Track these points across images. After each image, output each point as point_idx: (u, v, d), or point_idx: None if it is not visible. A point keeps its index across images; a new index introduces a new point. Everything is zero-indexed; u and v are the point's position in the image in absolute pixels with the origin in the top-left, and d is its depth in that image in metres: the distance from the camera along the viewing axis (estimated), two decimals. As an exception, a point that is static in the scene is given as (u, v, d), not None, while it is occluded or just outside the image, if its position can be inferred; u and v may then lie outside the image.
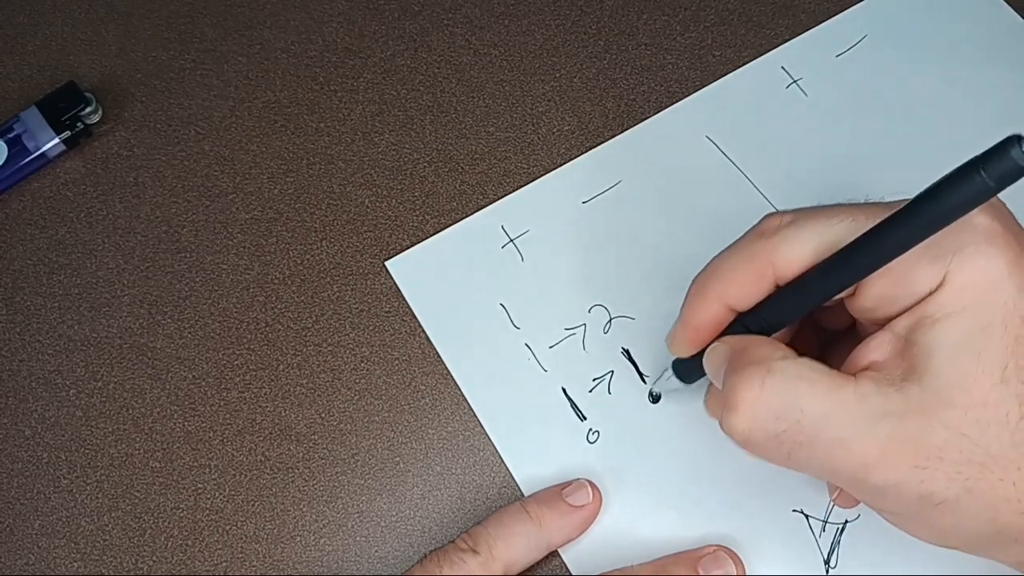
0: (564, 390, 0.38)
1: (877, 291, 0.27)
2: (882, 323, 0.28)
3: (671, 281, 0.39)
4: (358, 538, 0.37)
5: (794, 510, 0.36)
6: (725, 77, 0.44)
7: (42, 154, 0.43)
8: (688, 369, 0.34)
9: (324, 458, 0.38)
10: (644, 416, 0.38)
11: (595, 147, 0.43)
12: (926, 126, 0.43)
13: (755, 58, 0.44)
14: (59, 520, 0.37)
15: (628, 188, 0.42)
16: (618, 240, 0.41)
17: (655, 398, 0.38)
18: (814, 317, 0.33)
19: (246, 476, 0.38)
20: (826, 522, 0.36)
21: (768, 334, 0.30)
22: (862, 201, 0.30)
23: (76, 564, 0.37)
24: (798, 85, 0.44)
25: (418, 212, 0.42)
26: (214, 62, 0.45)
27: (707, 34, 0.45)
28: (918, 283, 0.27)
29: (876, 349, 0.28)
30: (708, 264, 0.31)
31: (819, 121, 0.43)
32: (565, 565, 0.36)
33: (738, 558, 0.35)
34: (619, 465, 0.37)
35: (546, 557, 0.35)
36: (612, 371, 0.39)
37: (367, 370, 0.39)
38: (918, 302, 0.27)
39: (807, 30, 0.45)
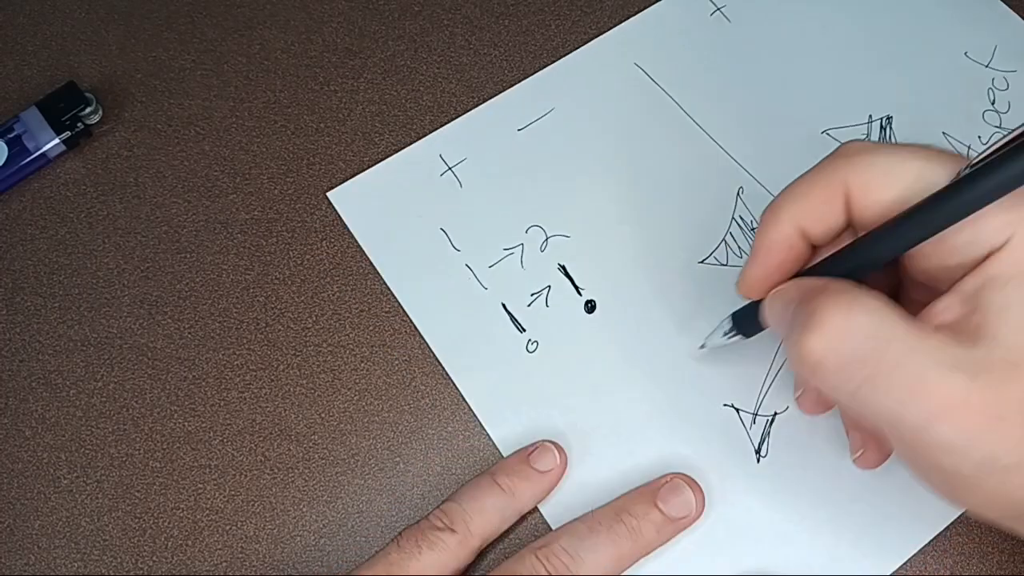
0: (504, 305, 0.40)
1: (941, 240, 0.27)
2: (937, 277, 0.28)
3: (604, 200, 0.42)
4: (358, 538, 0.37)
5: (725, 404, 0.38)
6: (652, 6, 0.46)
7: (42, 154, 0.43)
8: (752, 320, 0.34)
9: (324, 458, 0.38)
10: (580, 325, 0.40)
11: (528, 77, 0.44)
12: (844, 48, 0.44)
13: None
14: (59, 520, 0.37)
15: (561, 115, 0.44)
16: (552, 164, 0.43)
17: (590, 308, 0.39)
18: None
19: (246, 476, 0.38)
20: (756, 415, 0.37)
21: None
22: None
23: (76, 564, 0.37)
24: (721, 12, 0.46)
25: (418, 212, 0.42)
26: (214, 62, 0.45)
27: (707, 34, 0.45)
28: (982, 240, 0.27)
29: (945, 311, 0.27)
30: (785, 187, 0.31)
31: (742, 45, 0.45)
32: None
33: (695, 484, 0.36)
34: (558, 371, 0.39)
35: None
36: (549, 286, 0.40)
37: (367, 370, 0.39)
38: (982, 259, 0.27)
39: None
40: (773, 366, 0.38)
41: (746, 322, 0.35)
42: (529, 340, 0.39)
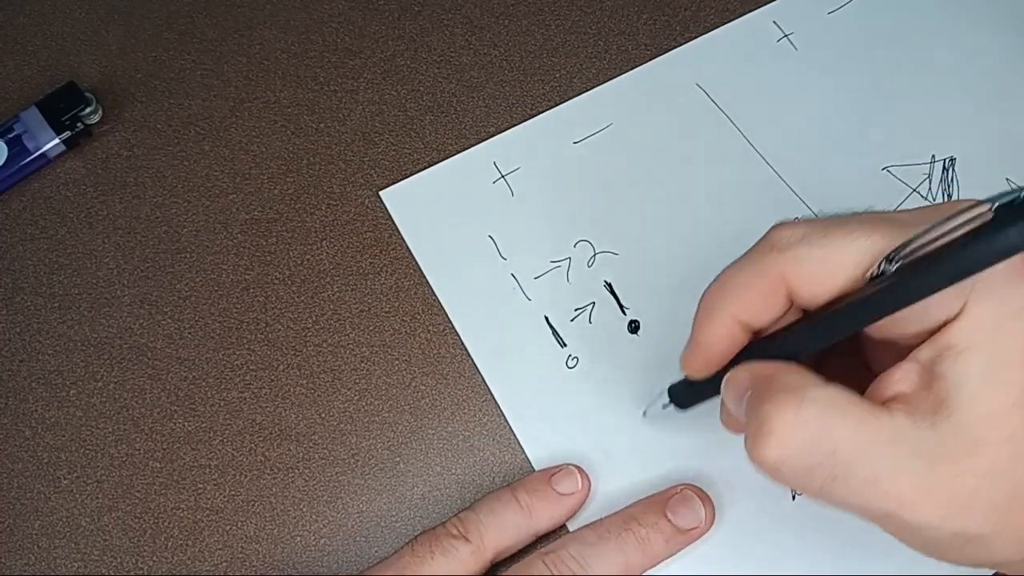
0: (547, 318, 0.40)
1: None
2: (894, 340, 0.28)
3: (656, 219, 0.42)
4: (358, 538, 0.37)
5: None
6: (718, 29, 0.45)
7: (42, 154, 0.43)
8: (688, 394, 0.34)
9: (324, 458, 0.38)
10: (622, 345, 0.39)
11: (588, 90, 0.44)
12: (912, 86, 0.44)
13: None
14: (59, 520, 0.37)
15: (618, 131, 0.43)
16: (606, 180, 0.42)
17: (634, 328, 0.39)
18: None
19: (246, 476, 0.38)
20: None
21: (787, 359, 0.29)
22: (866, 209, 0.30)
23: (76, 564, 0.37)
24: (789, 40, 0.45)
25: (418, 212, 0.42)
26: (214, 62, 0.45)
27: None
28: (937, 309, 0.26)
29: (902, 380, 0.27)
30: (717, 278, 0.30)
31: (808, 75, 0.44)
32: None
33: (706, 496, 0.35)
34: (596, 389, 0.38)
35: None
36: (594, 302, 0.40)
37: (367, 370, 0.39)
38: (938, 328, 0.26)
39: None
40: None
41: (682, 396, 0.34)
42: (570, 356, 0.39)
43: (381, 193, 0.42)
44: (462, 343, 0.40)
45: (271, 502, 0.37)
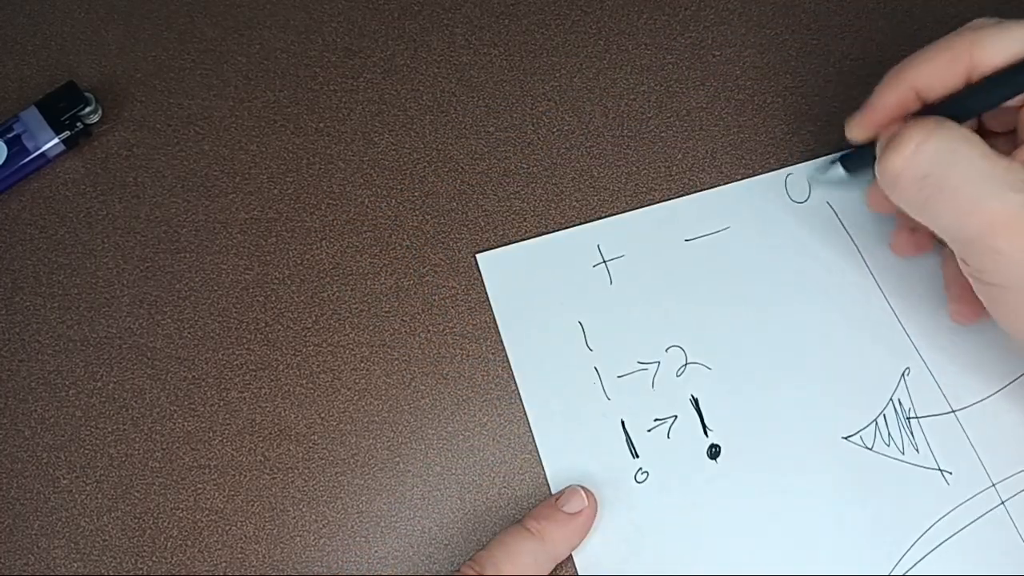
0: (623, 423, 0.38)
1: None
2: None
3: (758, 340, 0.38)
4: (358, 538, 0.37)
5: None
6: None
7: (42, 154, 0.43)
8: (857, 159, 0.38)
9: (324, 458, 0.38)
10: (699, 469, 0.37)
11: (713, 187, 0.42)
12: None
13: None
14: (59, 520, 0.37)
15: (734, 236, 0.40)
16: (712, 286, 0.40)
17: (713, 453, 0.37)
18: (982, 120, 0.36)
19: (246, 476, 0.38)
20: None
21: None
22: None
23: (76, 564, 0.37)
24: None
25: (417, 212, 0.42)
26: (214, 62, 0.45)
27: (707, 34, 0.45)
28: None
29: None
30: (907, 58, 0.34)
31: None
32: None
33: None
34: (661, 511, 0.36)
35: None
36: (676, 416, 0.38)
37: (367, 370, 0.39)
38: None
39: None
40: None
41: (851, 161, 0.38)
42: (640, 469, 0.37)
43: (478, 256, 0.41)
44: (528, 419, 0.38)
45: (271, 502, 0.37)
